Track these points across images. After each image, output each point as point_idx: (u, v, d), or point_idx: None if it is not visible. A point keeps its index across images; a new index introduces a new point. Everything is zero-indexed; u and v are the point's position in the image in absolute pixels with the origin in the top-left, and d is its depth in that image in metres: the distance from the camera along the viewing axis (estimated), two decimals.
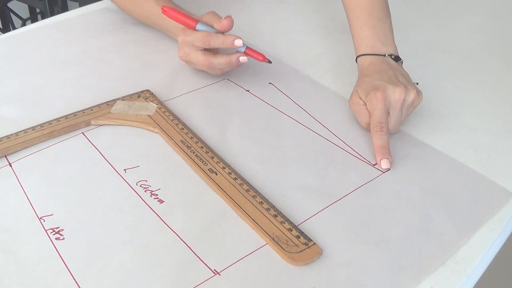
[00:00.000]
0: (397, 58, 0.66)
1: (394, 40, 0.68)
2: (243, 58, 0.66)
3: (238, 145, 0.60)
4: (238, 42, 0.65)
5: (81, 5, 0.97)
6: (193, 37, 0.66)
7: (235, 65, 0.67)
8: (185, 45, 0.68)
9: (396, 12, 0.91)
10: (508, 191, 0.54)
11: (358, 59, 0.67)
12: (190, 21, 0.67)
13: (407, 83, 0.61)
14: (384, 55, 0.65)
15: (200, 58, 0.67)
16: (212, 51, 0.68)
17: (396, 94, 0.59)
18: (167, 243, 0.48)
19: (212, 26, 0.67)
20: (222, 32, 0.67)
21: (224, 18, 0.66)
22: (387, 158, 0.57)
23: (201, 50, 0.67)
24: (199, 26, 0.67)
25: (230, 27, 0.66)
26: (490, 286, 0.54)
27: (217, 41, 0.65)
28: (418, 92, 0.60)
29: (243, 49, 0.66)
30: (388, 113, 0.59)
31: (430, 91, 0.70)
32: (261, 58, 0.66)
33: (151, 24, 0.80)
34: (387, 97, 0.59)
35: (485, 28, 0.87)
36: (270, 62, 0.67)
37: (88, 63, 0.76)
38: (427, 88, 0.70)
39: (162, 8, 0.68)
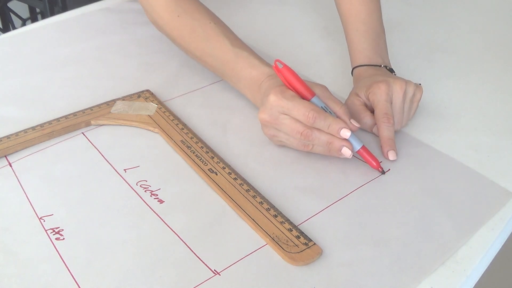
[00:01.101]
0: (391, 70, 0.66)
1: (388, 55, 0.68)
2: (346, 151, 0.54)
3: (238, 145, 0.60)
4: (345, 133, 0.53)
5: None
6: (294, 104, 0.53)
7: (334, 151, 0.55)
8: (278, 108, 0.54)
9: (396, 12, 0.91)
10: (508, 191, 0.54)
11: (354, 70, 0.68)
12: (306, 91, 0.55)
13: (404, 79, 0.62)
14: (380, 66, 0.66)
15: (295, 125, 0.54)
16: None
17: (397, 86, 0.59)
18: (167, 243, 0.48)
19: (325, 105, 0.56)
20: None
21: (353, 120, 0.56)
22: (394, 150, 0.57)
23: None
24: (315, 100, 0.55)
25: (356, 129, 0.56)
26: (490, 286, 0.54)
27: (323, 123, 0.53)
28: (417, 85, 0.61)
29: (358, 147, 0.55)
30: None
31: (430, 91, 0.70)
32: (375, 165, 0.55)
33: (212, 67, 0.66)
34: (390, 88, 0.59)
35: (485, 28, 0.87)
36: (383, 172, 0.56)
37: (88, 63, 0.76)
38: (427, 88, 0.70)
39: (275, 63, 0.55)
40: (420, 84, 0.62)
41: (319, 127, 0.53)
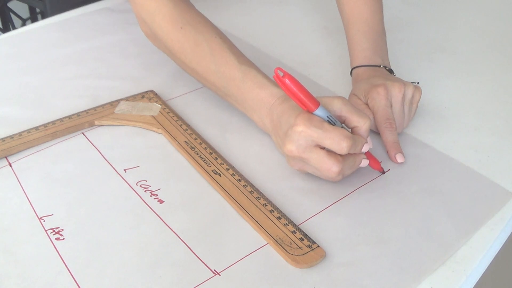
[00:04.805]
0: (390, 71, 0.66)
1: (388, 56, 0.68)
2: (365, 162, 0.53)
3: (238, 145, 0.60)
4: (366, 149, 0.52)
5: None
6: (326, 134, 0.49)
7: (356, 168, 0.54)
8: (307, 138, 0.50)
9: (396, 12, 0.91)
10: (508, 191, 0.54)
11: (353, 70, 0.68)
12: (311, 101, 0.50)
13: (403, 81, 0.61)
14: (379, 66, 0.65)
15: (326, 161, 0.50)
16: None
17: (395, 89, 0.59)
18: (167, 243, 0.48)
19: (343, 119, 0.53)
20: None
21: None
22: (401, 153, 0.57)
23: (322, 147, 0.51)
24: (319, 112, 0.50)
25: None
26: (490, 286, 0.54)
27: (358, 148, 0.51)
28: (416, 87, 0.61)
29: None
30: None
31: (430, 91, 0.70)
32: (377, 167, 0.56)
33: (215, 85, 0.60)
34: (389, 92, 0.59)
35: (485, 28, 0.87)
36: (383, 172, 0.56)
37: (89, 63, 0.76)
38: (427, 89, 0.70)
39: (276, 71, 0.49)
40: (418, 82, 0.62)
41: (354, 152, 0.51)
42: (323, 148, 0.50)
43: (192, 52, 0.60)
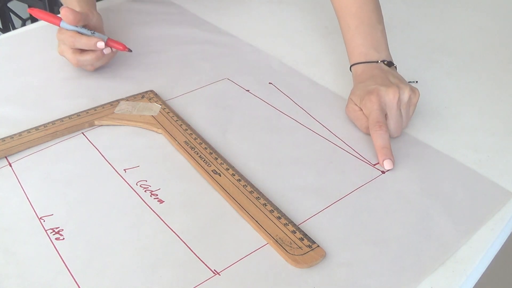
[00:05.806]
0: (390, 64, 0.65)
1: (387, 45, 0.67)
2: (106, 50, 0.70)
3: (238, 145, 0.60)
4: (100, 44, 0.68)
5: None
6: (63, 36, 0.68)
7: (101, 58, 0.70)
8: (60, 42, 0.70)
9: (396, 12, 0.91)
10: (508, 191, 0.54)
11: (352, 68, 0.67)
12: (54, 19, 0.69)
13: (400, 82, 0.61)
14: (377, 62, 0.65)
15: (69, 57, 0.69)
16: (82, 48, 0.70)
17: (389, 95, 0.58)
18: (167, 243, 0.49)
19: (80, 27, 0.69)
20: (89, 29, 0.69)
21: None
22: (390, 159, 0.56)
23: (72, 48, 0.69)
24: (62, 24, 0.69)
25: (74, 21, 0.67)
26: (490, 286, 0.54)
27: (81, 43, 0.68)
28: (413, 89, 0.60)
29: (105, 39, 0.69)
30: (386, 115, 0.59)
31: (430, 91, 0.70)
32: (121, 47, 0.70)
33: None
34: (382, 99, 0.59)
35: (485, 28, 0.87)
36: (130, 51, 0.72)
37: None
38: (427, 88, 0.70)
39: (28, 10, 0.70)
40: (416, 81, 0.61)
41: (80, 46, 0.68)
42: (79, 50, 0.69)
43: None
